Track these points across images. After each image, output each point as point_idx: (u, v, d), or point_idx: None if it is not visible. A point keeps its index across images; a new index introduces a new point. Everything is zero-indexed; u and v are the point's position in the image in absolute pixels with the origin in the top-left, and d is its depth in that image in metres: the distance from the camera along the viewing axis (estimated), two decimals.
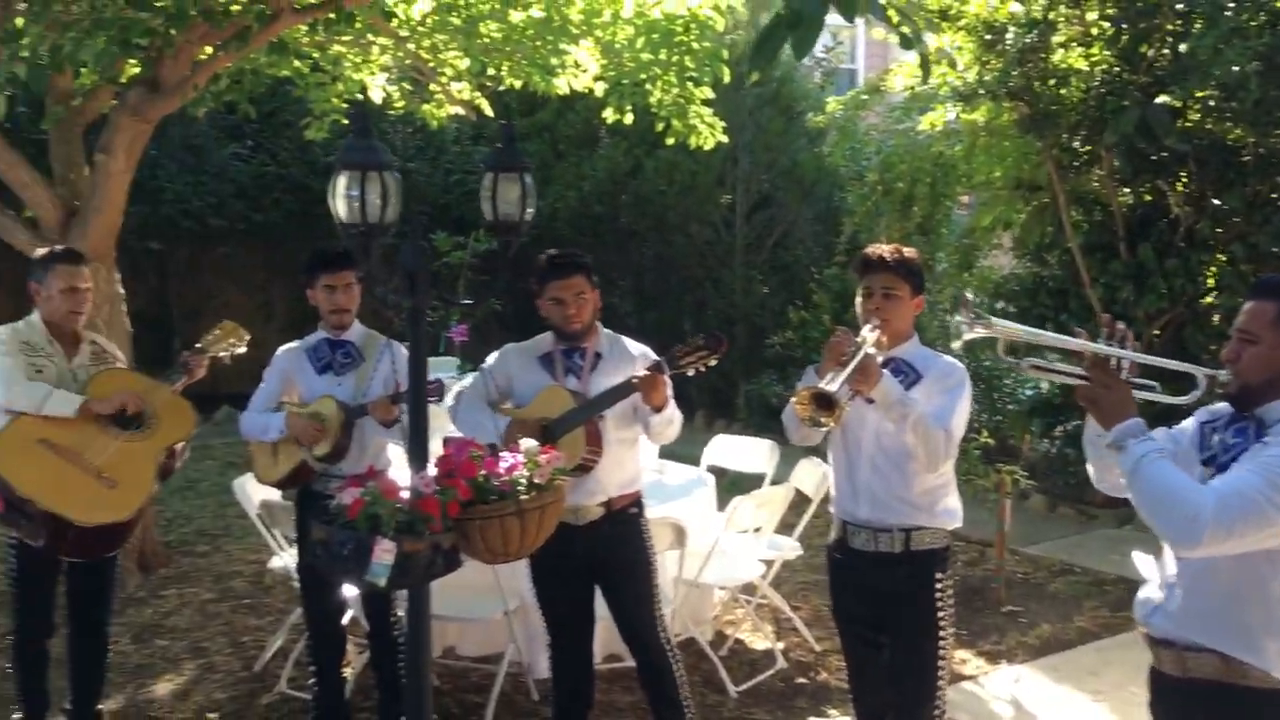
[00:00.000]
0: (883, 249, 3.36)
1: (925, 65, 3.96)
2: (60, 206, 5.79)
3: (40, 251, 4.15)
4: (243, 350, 4.28)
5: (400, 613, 4.22)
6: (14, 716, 4.06)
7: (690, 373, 3.61)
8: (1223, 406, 2.57)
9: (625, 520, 3.81)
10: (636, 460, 3.89)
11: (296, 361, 4.17)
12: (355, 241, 2.86)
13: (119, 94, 5.89)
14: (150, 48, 5.25)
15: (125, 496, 3.84)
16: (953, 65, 7.23)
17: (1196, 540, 2.22)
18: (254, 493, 4.88)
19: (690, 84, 7.24)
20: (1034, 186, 7.83)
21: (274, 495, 4.77)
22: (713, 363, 3.57)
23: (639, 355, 3.82)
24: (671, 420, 3.68)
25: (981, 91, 7.06)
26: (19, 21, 4.77)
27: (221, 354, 4.24)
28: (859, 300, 3.36)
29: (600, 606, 3.90)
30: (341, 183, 2.79)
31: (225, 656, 5.12)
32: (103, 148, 5.72)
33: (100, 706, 4.26)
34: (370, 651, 4.31)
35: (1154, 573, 3.97)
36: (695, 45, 6.98)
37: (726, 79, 7.21)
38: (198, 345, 4.22)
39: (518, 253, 3.10)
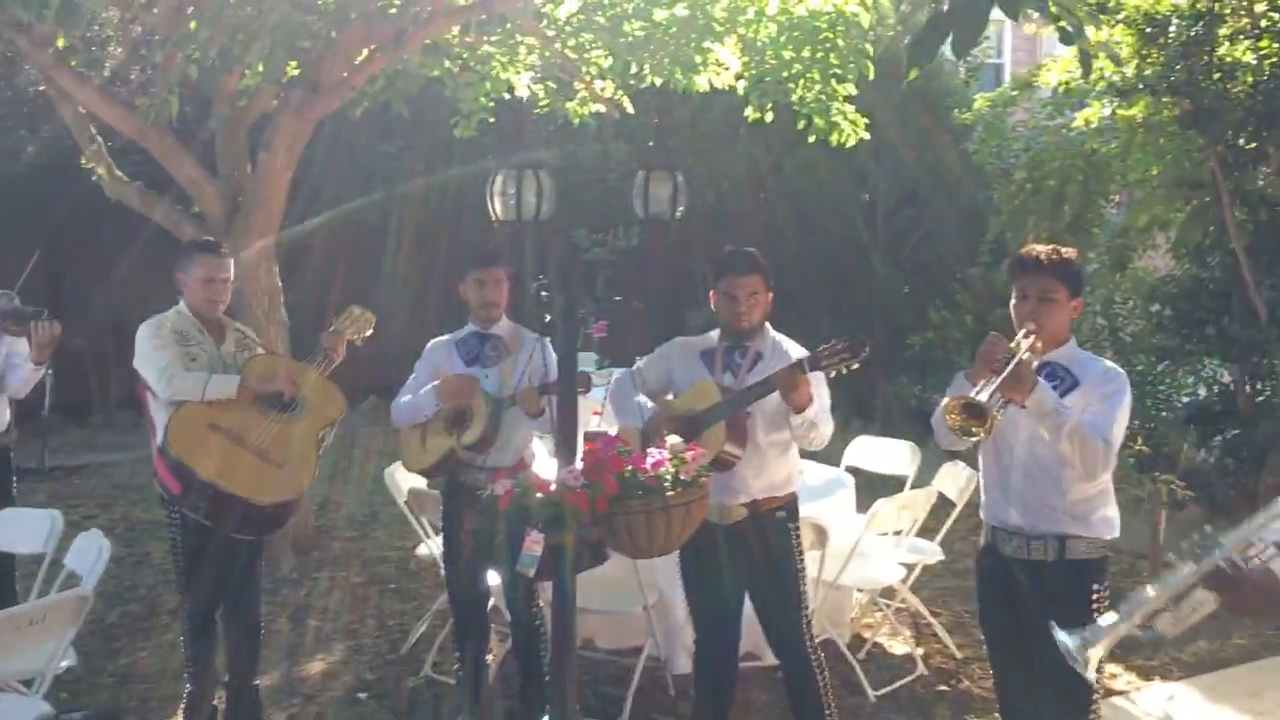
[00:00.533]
0: (1039, 250, 3.26)
1: (1086, 60, 3.85)
2: (225, 202, 6.06)
3: (186, 241, 4.31)
4: (369, 334, 4.35)
5: (541, 603, 4.30)
6: (186, 688, 4.24)
7: (831, 374, 3.57)
8: None
9: (772, 523, 3.75)
10: (788, 465, 3.81)
11: (446, 354, 4.28)
12: (510, 238, 2.93)
13: (280, 94, 6.14)
14: (311, 49, 5.45)
15: (293, 475, 3.97)
16: (1114, 61, 6.98)
17: None
18: (403, 482, 5.03)
19: (833, 81, 7.17)
20: (1195, 185, 7.50)
21: (422, 484, 4.91)
22: (854, 366, 3.51)
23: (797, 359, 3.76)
24: (815, 425, 3.61)
25: (1140, 86, 6.81)
26: (192, 25, 5.01)
27: (352, 336, 4.32)
28: (1013, 303, 3.27)
29: (746, 606, 3.88)
30: (499, 181, 2.86)
31: (373, 638, 5.29)
32: (265, 146, 5.97)
33: (256, 681, 4.44)
34: (512, 640, 4.40)
35: None
36: (840, 42, 6.91)
37: (871, 75, 7.11)
38: (331, 328, 4.29)
39: (655, 251, 3.12)
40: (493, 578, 4.33)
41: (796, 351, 3.77)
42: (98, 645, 4.96)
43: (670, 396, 3.83)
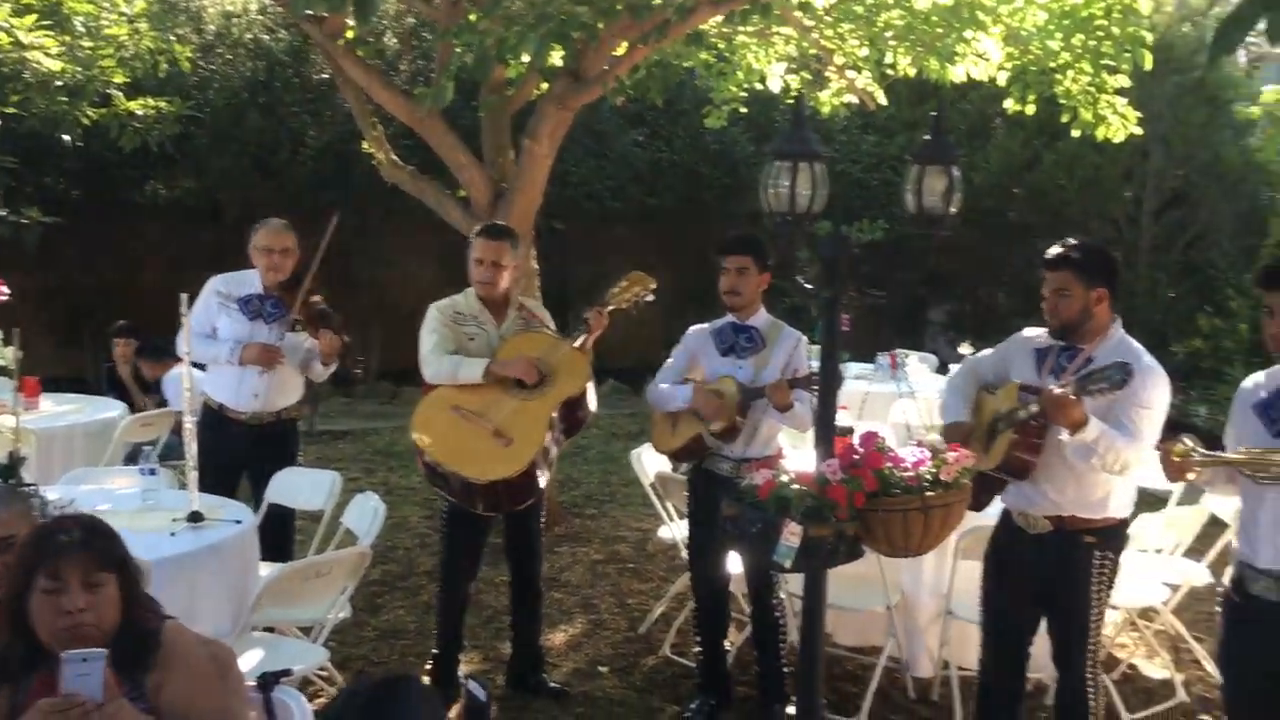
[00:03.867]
0: None
1: None
2: (490, 186, 6.33)
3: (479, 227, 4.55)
4: (650, 299, 4.45)
5: (782, 595, 4.31)
6: (432, 651, 4.51)
7: (1084, 399, 3.20)
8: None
9: (1078, 544, 3.44)
10: (1104, 486, 3.42)
11: (702, 342, 4.35)
12: (782, 230, 2.93)
13: (545, 83, 6.36)
14: (577, 40, 5.62)
15: (517, 452, 4.12)
16: None
17: None
18: (649, 464, 5.13)
19: (1105, 72, 6.81)
20: None
21: (668, 469, 5.00)
22: (1114, 394, 3.15)
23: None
24: (1094, 451, 3.22)
25: None
26: (471, 16, 5.25)
27: (626, 304, 4.41)
28: (1266, 322, 2.99)
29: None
30: (773, 171, 2.87)
31: (613, 615, 5.43)
32: (529, 133, 6.20)
33: (541, 641, 4.69)
34: (752, 628, 4.43)
35: None
36: (1115, 30, 6.56)
37: (1148, 66, 6.72)
38: (604, 300, 4.40)
39: (898, 244, 3.05)
40: (734, 566, 4.37)
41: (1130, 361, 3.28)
42: (362, 600, 5.30)
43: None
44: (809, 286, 3.12)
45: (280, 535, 4.66)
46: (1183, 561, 4.89)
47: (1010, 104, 7.12)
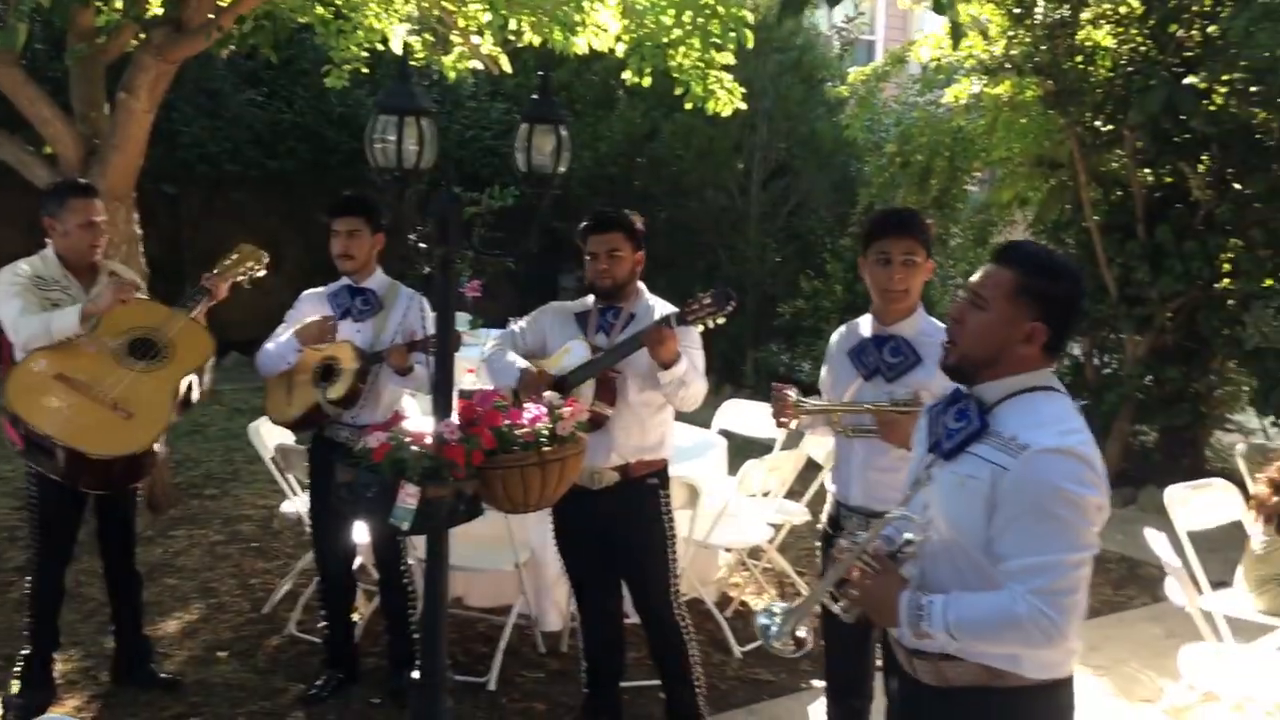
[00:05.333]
0: (902, 210, 3.33)
1: (956, 31, 3.96)
2: (80, 144, 5.77)
3: (51, 184, 4.11)
4: (262, 274, 4.23)
5: (411, 560, 4.26)
6: (22, 651, 4.05)
7: (699, 329, 3.59)
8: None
9: (642, 489, 3.74)
10: (662, 427, 3.79)
11: (317, 306, 4.19)
12: (389, 187, 2.86)
13: (142, 33, 5.86)
14: None
15: (140, 427, 3.81)
16: (983, 35, 7.18)
17: (1058, 641, 2.08)
18: (268, 437, 4.90)
19: (712, 49, 7.20)
20: (1054, 164, 7.81)
21: (289, 440, 4.80)
22: (720, 320, 3.50)
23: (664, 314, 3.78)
24: (684, 383, 3.57)
25: (1007, 65, 7.02)
26: None
27: (240, 277, 4.19)
28: (870, 268, 3.25)
29: None
30: (379, 126, 2.78)
31: (234, 597, 5.16)
32: (125, 87, 5.70)
33: (145, 631, 4.35)
34: (380, 598, 4.35)
35: (1168, 552, 3.99)
36: (720, 9, 6.94)
37: (750, 44, 7.16)
38: (214, 270, 4.16)
39: (527, 213, 3.09)
40: (360, 535, 4.27)
41: (670, 311, 3.73)
42: None
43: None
44: (422, 246, 3.06)
45: None
46: (785, 502, 5.29)
47: (629, 75, 7.36)
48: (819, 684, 4.16)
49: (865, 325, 3.37)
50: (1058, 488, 2.05)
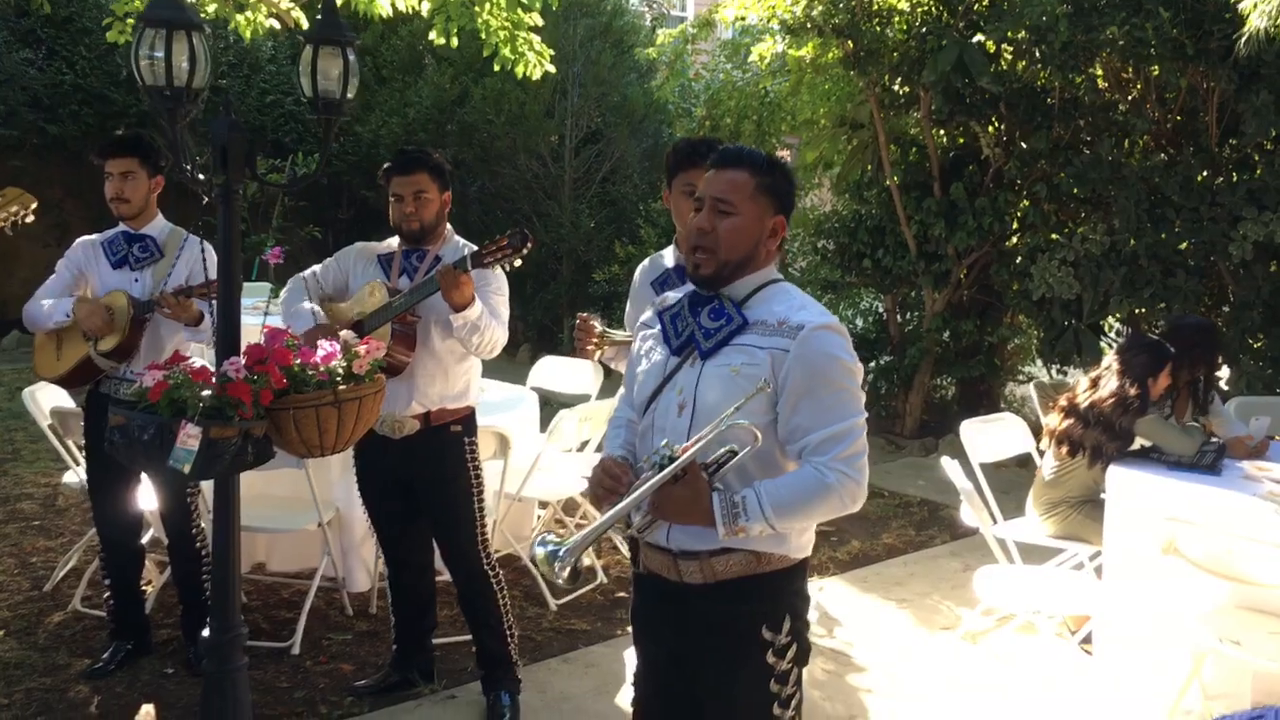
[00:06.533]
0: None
1: None
2: None
3: None
4: (31, 219, 3.89)
5: (203, 524, 4.03)
6: None
7: (497, 270, 3.50)
8: (671, 295, 2.46)
9: (446, 437, 3.64)
10: (466, 376, 3.69)
11: (91, 253, 3.90)
12: (160, 106, 2.66)
13: None
14: None
15: None
16: None
17: (860, 500, 2.22)
18: (44, 402, 4.57)
19: (519, 9, 7.08)
20: (856, 125, 8.02)
21: (67, 404, 4.48)
22: (518, 262, 3.39)
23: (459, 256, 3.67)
24: (478, 328, 3.44)
25: (809, 26, 7.15)
26: None
27: (3, 223, 3.86)
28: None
29: None
30: (146, 40, 2.58)
31: (13, 576, 4.80)
32: None
33: None
34: (171, 565, 4.10)
35: (962, 478, 4.14)
36: None
37: (555, 5, 7.09)
38: None
39: (335, 180, 2.95)
40: (148, 503, 4.01)
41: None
42: None
43: (338, 302, 3.66)
44: (201, 177, 2.87)
45: None
46: (597, 455, 5.26)
47: (435, 35, 7.18)
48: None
49: (668, 256, 3.36)
50: (837, 358, 2.19)
